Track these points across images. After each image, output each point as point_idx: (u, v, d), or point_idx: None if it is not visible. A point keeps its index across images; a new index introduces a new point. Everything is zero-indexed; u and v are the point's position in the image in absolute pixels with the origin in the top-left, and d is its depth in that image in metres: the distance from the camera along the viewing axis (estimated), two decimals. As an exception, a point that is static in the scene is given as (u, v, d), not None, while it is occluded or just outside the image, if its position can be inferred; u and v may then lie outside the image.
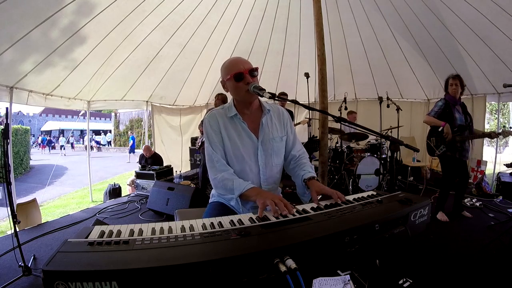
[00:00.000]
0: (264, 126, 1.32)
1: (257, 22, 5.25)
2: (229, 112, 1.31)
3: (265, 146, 1.31)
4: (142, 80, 5.30)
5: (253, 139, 1.30)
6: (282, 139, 1.37)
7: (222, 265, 0.63)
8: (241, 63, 1.25)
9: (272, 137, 1.33)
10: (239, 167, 1.30)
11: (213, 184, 1.29)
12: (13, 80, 3.70)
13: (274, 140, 1.33)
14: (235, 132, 1.30)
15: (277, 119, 1.39)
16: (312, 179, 1.27)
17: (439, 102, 3.13)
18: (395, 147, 3.92)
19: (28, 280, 2.10)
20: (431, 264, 2.22)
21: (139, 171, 4.88)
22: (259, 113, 1.35)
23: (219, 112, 1.33)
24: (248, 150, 1.30)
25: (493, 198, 4.11)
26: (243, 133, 1.30)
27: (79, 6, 3.34)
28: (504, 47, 4.10)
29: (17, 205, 3.38)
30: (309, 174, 1.29)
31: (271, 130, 1.34)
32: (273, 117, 1.38)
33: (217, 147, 1.29)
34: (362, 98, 6.79)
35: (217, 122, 1.30)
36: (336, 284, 0.84)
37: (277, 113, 1.40)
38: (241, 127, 1.30)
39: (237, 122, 1.31)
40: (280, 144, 1.37)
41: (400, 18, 4.71)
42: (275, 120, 1.38)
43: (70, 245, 0.69)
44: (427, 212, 1.06)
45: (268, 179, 1.34)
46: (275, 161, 1.35)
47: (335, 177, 4.63)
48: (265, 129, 1.32)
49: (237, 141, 1.29)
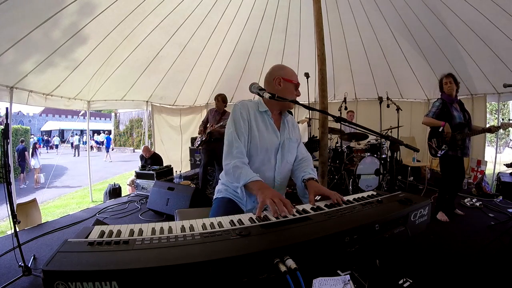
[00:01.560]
0: (286, 126, 1.47)
1: (257, 22, 5.25)
2: (260, 107, 1.42)
3: (284, 143, 1.43)
4: (142, 80, 5.30)
5: (278, 134, 1.43)
6: (296, 140, 1.53)
7: (222, 265, 0.63)
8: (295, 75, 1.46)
9: (289, 137, 1.47)
10: (261, 157, 1.38)
11: (225, 170, 1.34)
12: (13, 80, 3.70)
13: (291, 140, 1.47)
14: (264, 126, 1.40)
15: (290, 123, 1.54)
16: (311, 180, 1.32)
17: (436, 103, 3.13)
18: (395, 147, 3.92)
19: (28, 280, 2.10)
20: (431, 264, 2.22)
21: (139, 171, 4.88)
22: (280, 116, 1.50)
23: (251, 104, 1.43)
24: (272, 144, 1.39)
25: (493, 198, 4.11)
26: (270, 128, 1.41)
27: (80, 6, 3.34)
28: (504, 47, 4.10)
29: (17, 205, 3.38)
30: (308, 175, 1.36)
31: (289, 131, 1.48)
32: (288, 120, 1.53)
33: (242, 135, 1.34)
34: (362, 98, 6.79)
35: (248, 112, 1.38)
36: (336, 284, 0.84)
37: (290, 117, 1.56)
38: (269, 122, 1.42)
39: (266, 117, 1.42)
40: (295, 144, 1.51)
41: (400, 18, 4.71)
42: (289, 123, 1.53)
43: (70, 245, 0.69)
44: (427, 212, 1.06)
45: (281, 173, 1.43)
46: (289, 159, 1.46)
47: (335, 177, 4.63)
48: (286, 129, 1.47)
49: (265, 133, 1.39)
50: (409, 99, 6.50)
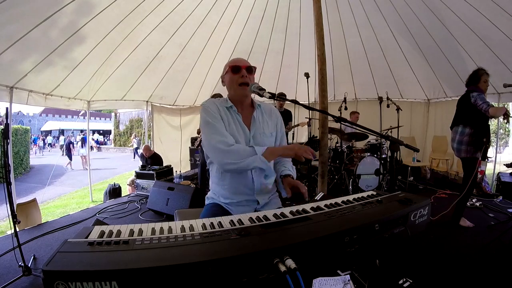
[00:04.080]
0: (256, 120, 1.38)
1: (257, 22, 5.26)
2: (225, 103, 1.36)
3: (256, 140, 1.35)
4: (142, 80, 5.30)
5: (246, 131, 1.35)
6: (272, 134, 1.43)
7: (222, 265, 0.63)
8: (240, 61, 1.36)
9: (263, 132, 1.38)
10: None
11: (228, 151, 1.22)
12: (13, 80, 3.69)
13: (264, 135, 1.38)
14: (233, 123, 1.34)
15: (268, 116, 1.44)
16: (288, 176, 1.34)
17: (481, 95, 2.74)
18: (395, 147, 3.92)
19: (28, 280, 2.10)
20: (431, 264, 2.22)
21: (139, 171, 4.88)
22: (251, 109, 1.41)
23: (218, 102, 1.37)
24: (241, 141, 1.32)
25: (493, 198, 4.11)
26: (237, 124, 1.35)
27: (79, 5, 3.34)
28: (504, 47, 4.10)
29: (17, 205, 3.38)
30: (286, 172, 1.37)
31: (262, 125, 1.39)
32: (264, 113, 1.44)
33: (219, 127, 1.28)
34: (362, 98, 6.80)
35: (217, 110, 1.33)
36: (336, 284, 0.84)
37: (268, 110, 1.47)
38: (236, 118, 1.35)
39: (233, 113, 1.36)
40: (270, 139, 1.42)
41: (400, 18, 4.71)
42: (266, 117, 1.43)
43: (70, 245, 0.69)
44: (427, 212, 1.06)
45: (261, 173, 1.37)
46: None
47: (335, 177, 4.63)
48: (257, 124, 1.38)
49: (234, 131, 1.32)
50: (409, 99, 6.50)
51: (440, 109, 6.12)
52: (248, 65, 1.35)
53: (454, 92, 5.55)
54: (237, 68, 1.32)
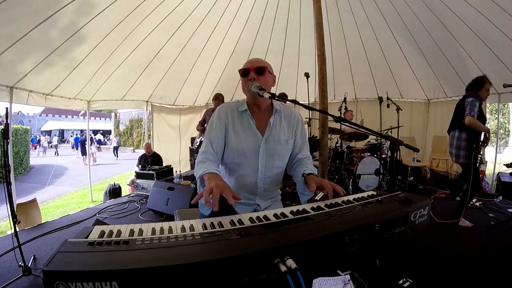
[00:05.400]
0: (271, 126, 1.31)
1: (257, 22, 5.25)
2: (240, 107, 1.32)
3: (268, 145, 1.30)
4: (142, 80, 5.31)
5: (258, 136, 1.30)
6: (288, 142, 1.36)
7: (222, 265, 0.63)
8: (251, 61, 1.30)
9: (277, 139, 1.32)
10: (239, 160, 1.30)
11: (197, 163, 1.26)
12: (13, 80, 3.70)
13: (279, 142, 1.32)
14: (241, 127, 1.30)
15: (286, 121, 1.37)
16: (311, 174, 1.26)
17: (475, 102, 2.77)
18: (395, 147, 3.90)
19: (28, 280, 2.10)
20: (431, 264, 2.22)
21: (139, 171, 4.88)
22: (269, 113, 1.34)
23: (231, 106, 1.34)
24: (250, 146, 1.29)
25: (493, 198, 4.11)
26: (249, 129, 1.30)
27: (79, 5, 3.34)
28: (504, 47, 4.10)
29: (17, 205, 3.38)
30: (309, 171, 1.27)
31: (277, 131, 1.33)
32: (283, 118, 1.36)
33: (216, 137, 1.30)
34: (362, 98, 6.80)
35: (226, 115, 1.31)
36: (336, 284, 0.84)
37: (288, 115, 1.39)
38: (248, 123, 1.31)
39: (246, 117, 1.31)
40: (285, 147, 1.35)
41: (400, 18, 4.71)
42: (284, 122, 1.36)
43: (70, 245, 0.69)
44: (427, 212, 1.06)
45: (266, 179, 1.33)
46: (276, 163, 1.34)
47: (335, 177, 4.63)
48: (272, 130, 1.32)
49: (242, 135, 1.29)
50: (409, 99, 6.50)
51: (440, 109, 6.12)
52: (257, 65, 1.27)
53: (454, 92, 5.55)
54: (246, 71, 1.27)
